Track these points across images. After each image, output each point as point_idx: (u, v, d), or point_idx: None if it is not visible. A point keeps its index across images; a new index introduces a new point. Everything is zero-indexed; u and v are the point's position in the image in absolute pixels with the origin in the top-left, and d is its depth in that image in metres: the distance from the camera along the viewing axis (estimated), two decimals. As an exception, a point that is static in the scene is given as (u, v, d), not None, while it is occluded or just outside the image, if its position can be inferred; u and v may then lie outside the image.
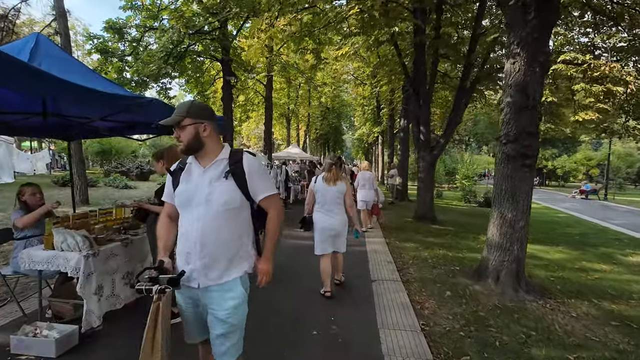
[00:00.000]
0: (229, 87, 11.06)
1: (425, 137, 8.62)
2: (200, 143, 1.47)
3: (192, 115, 1.45)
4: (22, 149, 23.17)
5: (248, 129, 25.90)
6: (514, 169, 3.84)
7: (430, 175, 8.83)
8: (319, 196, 3.63)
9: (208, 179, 1.47)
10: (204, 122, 1.46)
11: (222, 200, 1.45)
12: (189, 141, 1.45)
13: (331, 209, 3.59)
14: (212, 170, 1.49)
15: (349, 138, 57.09)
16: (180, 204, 1.52)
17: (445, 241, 6.51)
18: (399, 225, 8.13)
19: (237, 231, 1.51)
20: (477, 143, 39.67)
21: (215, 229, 1.45)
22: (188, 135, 1.45)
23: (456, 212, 11.56)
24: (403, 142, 14.01)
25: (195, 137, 1.45)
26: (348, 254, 5.08)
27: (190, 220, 1.47)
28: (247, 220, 1.56)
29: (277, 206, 1.60)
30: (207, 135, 1.47)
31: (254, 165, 1.53)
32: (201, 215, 1.45)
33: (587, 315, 3.42)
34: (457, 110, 8.49)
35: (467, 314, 3.30)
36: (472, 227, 8.42)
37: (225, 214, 1.45)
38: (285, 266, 4.53)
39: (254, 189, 1.51)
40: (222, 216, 1.45)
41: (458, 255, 5.48)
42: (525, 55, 3.66)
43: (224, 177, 1.47)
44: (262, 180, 1.54)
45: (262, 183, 1.53)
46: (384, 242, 6.20)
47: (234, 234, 1.50)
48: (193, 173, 1.52)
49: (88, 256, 2.48)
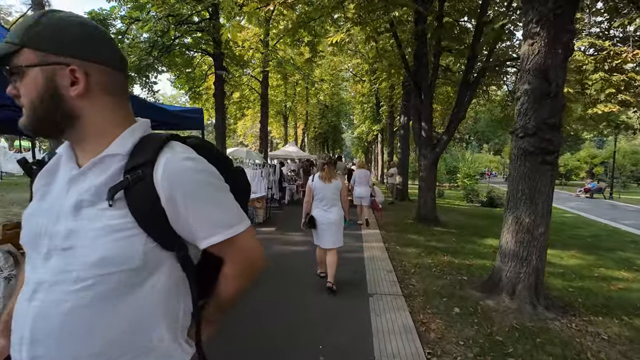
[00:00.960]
0: (221, 83, 10.53)
1: (427, 133, 8.11)
2: (63, 113, 0.68)
3: (37, 43, 0.65)
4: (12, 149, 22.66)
5: (244, 127, 25.34)
6: (532, 166, 3.34)
7: (432, 174, 8.33)
8: (317, 193, 3.83)
9: (74, 198, 0.68)
10: (70, 63, 0.66)
11: (92, 256, 0.64)
12: (33, 106, 0.67)
13: (329, 204, 3.80)
14: (87, 180, 0.69)
15: (349, 137, 56.67)
16: (25, 241, 0.73)
17: (449, 245, 6.01)
18: (399, 227, 7.63)
19: (133, 322, 0.68)
20: (477, 141, 39.20)
21: (68, 320, 0.64)
22: (31, 92, 0.66)
23: (459, 212, 11.06)
24: (403, 140, 13.51)
25: (48, 98, 0.66)
26: (344, 261, 4.61)
27: (30, 282, 0.69)
28: (164, 293, 0.72)
29: (245, 257, 0.79)
30: (82, 96, 0.68)
31: (186, 176, 0.70)
32: (44, 280, 0.67)
33: (620, 337, 2.92)
34: (460, 105, 7.97)
35: (480, 337, 2.80)
36: (476, 229, 7.94)
37: (100, 287, 0.65)
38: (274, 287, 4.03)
39: (188, 228, 0.71)
40: (89, 292, 0.65)
41: (464, 262, 4.98)
42: (546, 34, 3.15)
43: (107, 199, 0.66)
44: (210, 206, 0.73)
45: (209, 213, 0.73)
46: (383, 248, 5.70)
47: (120, 329, 0.67)
48: (57, 179, 0.74)
49: (10, 278, 1.97)
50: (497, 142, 41.65)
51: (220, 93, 10.60)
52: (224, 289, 0.82)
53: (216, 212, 0.74)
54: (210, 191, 0.73)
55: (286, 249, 5.53)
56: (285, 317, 3.12)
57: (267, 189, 8.00)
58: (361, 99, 24.85)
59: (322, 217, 3.78)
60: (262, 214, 7.62)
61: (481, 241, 6.59)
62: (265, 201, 8.13)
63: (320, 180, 3.78)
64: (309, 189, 3.87)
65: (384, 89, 19.08)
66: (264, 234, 6.59)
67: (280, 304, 3.41)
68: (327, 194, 3.76)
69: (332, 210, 3.79)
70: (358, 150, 51.76)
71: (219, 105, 10.76)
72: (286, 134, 24.52)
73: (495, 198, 13.52)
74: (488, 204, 13.30)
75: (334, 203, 3.79)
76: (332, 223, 3.76)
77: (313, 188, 3.83)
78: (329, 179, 3.76)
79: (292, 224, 7.63)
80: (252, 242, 0.80)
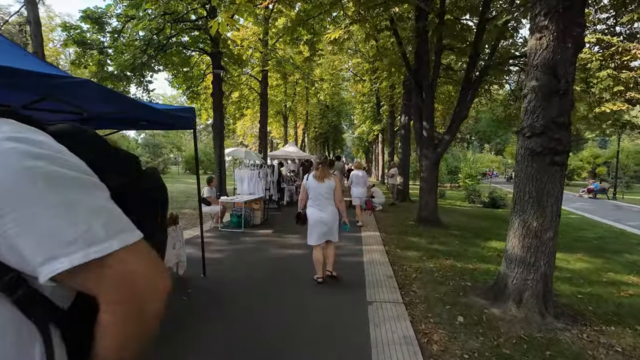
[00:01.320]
0: (219, 82, 10.37)
1: (429, 133, 7.93)
2: None
3: None
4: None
5: (243, 127, 25.16)
6: (540, 167, 3.16)
7: (434, 174, 8.15)
8: (311, 192, 3.90)
9: None
10: None
11: None
12: None
13: (322, 204, 3.85)
14: None
15: (349, 137, 56.44)
16: None
17: (452, 249, 5.83)
18: (400, 229, 7.46)
19: None
20: (479, 141, 38.98)
21: None
22: None
23: (460, 213, 10.88)
24: (404, 140, 13.33)
25: None
26: (342, 265, 4.45)
27: None
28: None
29: (128, 291, 0.49)
30: None
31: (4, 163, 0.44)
32: None
33: (635, 349, 2.74)
34: (462, 104, 7.79)
35: (486, 350, 2.63)
36: (479, 230, 7.77)
37: None
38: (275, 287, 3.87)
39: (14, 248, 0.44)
40: None
41: (467, 266, 4.80)
42: (554, 28, 2.98)
43: None
44: (49, 211, 0.45)
45: (48, 222, 0.45)
46: (383, 251, 5.53)
47: None
48: None
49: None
50: (499, 142, 41.47)
51: (218, 92, 10.44)
52: (103, 347, 0.51)
53: (62, 220, 0.45)
54: (50, 187, 0.45)
55: (283, 252, 5.39)
56: (279, 325, 2.95)
57: (264, 190, 7.83)
58: (362, 99, 24.67)
59: (314, 216, 3.85)
60: (259, 215, 7.46)
61: (484, 244, 6.41)
62: (263, 203, 7.97)
63: (314, 179, 3.86)
64: (303, 188, 4.01)
65: (385, 88, 18.91)
66: (261, 236, 6.44)
67: (274, 310, 3.24)
68: (320, 192, 3.85)
69: (325, 209, 3.85)
70: (359, 151, 51.51)
71: (217, 104, 10.60)
72: (286, 134, 24.34)
73: (498, 199, 13.32)
74: (490, 205, 13.10)
75: (327, 203, 3.86)
76: (324, 222, 3.82)
77: (307, 187, 3.93)
78: (322, 178, 3.84)
79: (290, 226, 7.46)
80: (139, 265, 0.50)
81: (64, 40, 9.31)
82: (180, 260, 3.87)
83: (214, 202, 6.91)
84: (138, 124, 3.94)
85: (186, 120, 3.78)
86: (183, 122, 3.79)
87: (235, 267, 4.61)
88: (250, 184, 7.74)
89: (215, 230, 6.70)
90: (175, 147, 36.77)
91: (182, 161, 29.54)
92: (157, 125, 3.94)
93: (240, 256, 5.14)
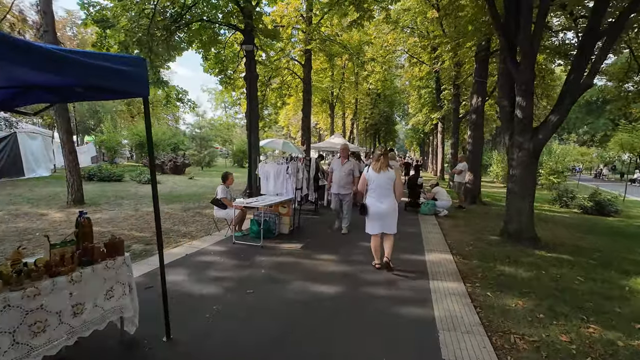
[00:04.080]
0: (251, 61, 8.94)
1: (525, 113, 5.55)
2: None
3: None
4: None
5: (286, 118, 23.84)
6: None
7: (531, 172, 5.74)
8: (370, 183, 3.98)
9: None
10: None
11: None
12: None
13: (381, 194, 3.92)
14: None
15: (402, 129, 52.67)
16: None
17: (578, 292, 3.55)
18: (481, 249, 5.27)
19: None
20: (560, 130, 33.09)
21: None
22: None
23: (556, 222, 8.10)
24: (475, 127, 10.70)
25: None
26: (400, 329, 2.57)
27: None
28: None
29: None
30: None
31: None
32: None
33: None
34: (580, 66, 5.25)
35: None
36: (604, 255, 5.20)
37: None
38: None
39: None
40: None
41: (630, 342, 2.58)
42: None
43: None
44: None
45: None
46: (464, 294, 3.47)
47: None
48: None
49: None
50: (587, 131, 34.76)
51: (251, 74, 9.01)
52: None
53: None
54: None
55: (310, 289, 3.53)
56: None
57: (295, 189, 6.17)
58: (418, 84, 21.83)
59: (373, 207, 3.94)
60: (287, 222, 5.83)
61: (628, 282, 3.99)
62: (297, 204, 6.34)
63: (373, 170, 3.95)
64: (363, 179, 4.07)
65: (448, 69, 16.10)
66: (284, 254, 4.71)
67: None
68: (380, 184, 3.91)
69: (384, 200, 3.92)
70: (412, 143, 47.68)
71: (251, 88, 9.21)
72: (332, 125, 22.54)
73: (605, 203, 10.07)
74: (595, 211, 9.94)
75: (387, 193, 3.91)
76: (383, 214, 3.91)
77: (367, 178, 4.00)
78: (382, 168, 3.91)
79: (328, 237, 5.70)
80: None
81: (83, 20, 8.57)
82: (125, 314, 2.35)
83: (230, 204, 5.44)
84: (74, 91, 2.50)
85: (131, 77, 2.20)
86: (128, 83, 2.22)
87: (226, 319, 2.84)
88: (277, 181, 6.13)
89: (227, 243, 5.17)
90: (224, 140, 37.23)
91: (232, 154, 29.67)
92: (95, 92, 2.42)
93: (240, 295, 3.33)
